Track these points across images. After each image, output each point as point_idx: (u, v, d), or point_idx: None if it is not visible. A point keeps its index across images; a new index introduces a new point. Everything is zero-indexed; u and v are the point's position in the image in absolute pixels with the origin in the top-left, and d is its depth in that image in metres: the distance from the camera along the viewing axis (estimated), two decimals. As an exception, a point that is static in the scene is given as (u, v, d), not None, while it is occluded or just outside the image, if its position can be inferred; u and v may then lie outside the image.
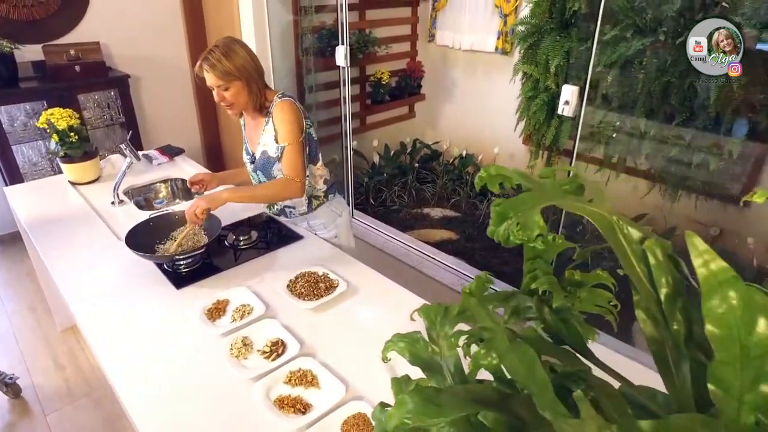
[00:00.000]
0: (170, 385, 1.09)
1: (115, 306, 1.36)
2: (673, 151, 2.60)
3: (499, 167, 0.54)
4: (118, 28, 3.39)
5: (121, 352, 1.20)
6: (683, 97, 2.48)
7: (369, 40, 3.43)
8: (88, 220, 1.87)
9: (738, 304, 0.39)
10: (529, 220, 0.47)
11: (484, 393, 0.48)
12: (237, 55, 1.45)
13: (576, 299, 0.56)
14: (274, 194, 1.58)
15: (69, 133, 2.05)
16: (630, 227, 0.49)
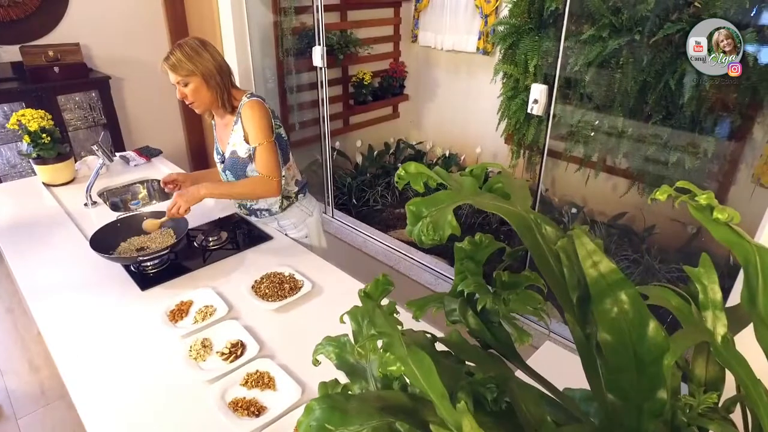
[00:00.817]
0: (126, 387, 1.09)
1: (77, 307, 1.35)
2: (650, 150, 2.61)
3: (420, 165, 0.54)
4: (100, 30, 3.37)
5: (78, 354, 1.19)
6: (659, 96, 2.50)
7: (350, 40, 3.43)
8: (60, 222, 1.85)
9: (628, 308, 0.39)
10: (442, 220, 0.47)
11: (396, 400, 0.47)
12: (198, 54, 1.45)
13: (506, 301, 0.55)
14: (251, 192, 1.59)
15: (41, 135, 2.03)
16: (548, 226, 0.49)
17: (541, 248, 0.44)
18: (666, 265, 2.71)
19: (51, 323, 1.29)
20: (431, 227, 0.46)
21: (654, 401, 0.36)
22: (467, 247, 0.55)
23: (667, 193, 0.42)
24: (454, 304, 0.55)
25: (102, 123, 3.42)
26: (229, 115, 1.59)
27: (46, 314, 1.33)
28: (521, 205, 0.48)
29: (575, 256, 0.43)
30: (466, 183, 0.50)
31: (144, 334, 1.24)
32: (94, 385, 1.10)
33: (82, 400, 1.06)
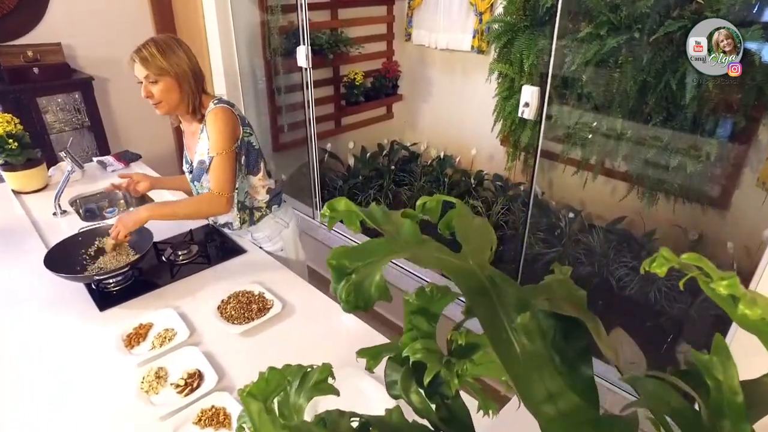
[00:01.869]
0: (63, 424, 0.99)
1: (27, 328, 1.25)
2: (650, 153, 2.51)
3: (349, 203, 0.44)
4: (83, 29, 3.26)
5: (16, 379, 1.09)
6: (660, 96, 2.40)
7: (341, 39, 3.33)
8: (24, 232, 1.76)
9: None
10: (368, 281, 0.36)
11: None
12: (173, 52, 1.35)
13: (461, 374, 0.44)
14: (196, 211, 1.48)
15: (7, 140, 1.93)
16: (509, 288, 0.38)
17: (498, 322, 0.33)
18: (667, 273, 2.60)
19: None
20: (353, 289, 0.35)
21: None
22: (414, 301, 0.44)
23: (667, 266, 0.32)
24: (396, 373, 0.44)
25: (87, 126, 3.32)
26: (197, 123, 1.49)
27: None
28: (476, 258, 0.38)
29: (539, 345, 0.32)
30: (405, 229, 0.40)
31: (95, 361, 1.14)
32: (26, 415, 1.00)
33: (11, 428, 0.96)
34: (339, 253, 0.38)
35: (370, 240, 0.39)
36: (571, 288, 0.46)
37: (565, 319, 0.43)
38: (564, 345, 0.42)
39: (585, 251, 2.85)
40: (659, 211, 2.65)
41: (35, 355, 1.17)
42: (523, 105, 1.85)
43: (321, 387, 0.47)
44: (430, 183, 3.66)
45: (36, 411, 1.02)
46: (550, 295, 0.44)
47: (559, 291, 0.45)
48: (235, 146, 1.45)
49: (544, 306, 0.43)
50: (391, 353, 0.50)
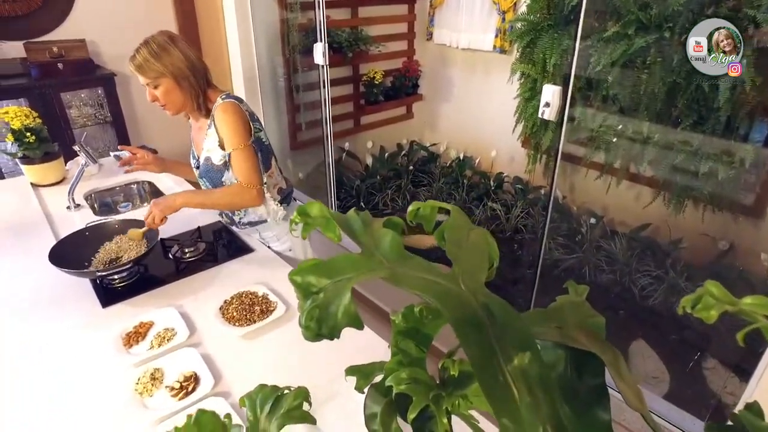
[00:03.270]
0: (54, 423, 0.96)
1: (29, 322, 1.24)
2: (678, 158, 2.39)
3: (324, 208, 0.39)
4: (107, 26, 3.30)
5: (20, 376, 1.08)
6: (690, 99, 2.29)
7: (360, 38, 3.29)
8: (36, 225, 1.76)
9: None
10: (335, 305, 0.31)
11: None
12: (166, 53, 1.32)
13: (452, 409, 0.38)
14: (229, 202, 1.46)
15: (25, 133, 1.95)
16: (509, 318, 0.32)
17: (492, 364, 0.27)
18: (693, 283, 2.49)
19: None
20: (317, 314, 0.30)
21: None
22: (401, 323, 0.39)
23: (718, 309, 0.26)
24: (377, 405, 0.39)
25: (109, 121, 3.36)
26: (204, 118, 1.46)
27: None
28: (469, 281, 0.32)
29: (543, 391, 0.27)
30: (386, 242, 0.35)
31: (93, 359, 1.12)
32: (21, 411, 0.98)
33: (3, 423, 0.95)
34: (305, 268, 0.33)
35: (342, 255, 0.34)
36: (587, 313, 0.40)
37: (579, 350, 0.37)
38: (576, 382, 0.36)
39: (606, 258, 2.74)
40: (687, 219, 2.54)
41: (36, 351, 1.15)
42: (544, 105, 1.78)
43: (294, 414, 0.42)
44: (448, 184, 3.59)
45: (33, 407, 1.00)
46: (561, 323, 0.38)
47: (572, 317, 0.39)
48: (251, 140, 1.42)
49: (554, 336, 0.37)
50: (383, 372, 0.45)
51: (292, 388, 0.44)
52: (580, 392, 0.34)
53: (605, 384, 0.34)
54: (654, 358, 2.33)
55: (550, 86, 1.77)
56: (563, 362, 0.36)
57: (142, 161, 1.64)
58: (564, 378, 0.35)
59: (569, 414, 0.33)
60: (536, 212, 3.12)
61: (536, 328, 0.36)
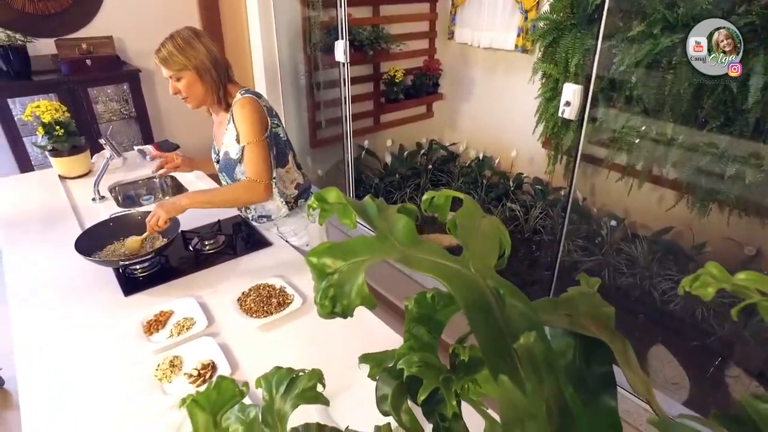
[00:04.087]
0: (78, 402, 1.00)
1: (54, 308, 1.28)
2: (703, 160, 2.34)
3: (340, 195, 0.39)
4: (133, 23, 3.38)
5: (41, 356, 1.12)
6: (718, 100, 2.24)
7: (381, 36, 3.29)
8: (64, 216, 1.81)
9: None
10: (349, 284, 0.32)
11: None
12: (190, 47, 1.35)
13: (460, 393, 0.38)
14: (235, 198, 1.46)
15: (55, 127, 2.01)
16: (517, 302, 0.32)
17: (500, 345, 0.28)
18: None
19: (24, 319, 1.24)
20: (332, 293, 0.31)
21: None
22: (414, 309, 0.40)
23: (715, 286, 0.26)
24: (388, 387, 0.40)
25: (133, 116, 3.43)
26: (224, 113, 1.49)
27: (21, 310, 1.28)
28: (478, 264, 0.33)
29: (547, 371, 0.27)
30: (399, 226, 0.35)
31: (115, 345, 1.15)
32: (46, 391, 1.02)
33: (29, 403, 0.99)
34: (321, 250, 0.34)
35: (357, 237, 0.35)
36: (597, 303, 0.40)
37: (588, 338, 0.37)
38: (585, 370, 0.36)
39: (627, 261, 2.70)
40: (711, 223, 2.48)
41: (61, 336, 1.19)
42: (564, 104, 1.76)
43: (307, 395, 0.43)
44: (467, 184, 3.58)
45: (59, 388, 1.04)
46: (571, 311, 0.39)
47: (582, 306, 0.39)
48: (266, 135, 1.44)
49: (563, 323, 0.37)
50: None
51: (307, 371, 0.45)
52: (588, 380, 0.34)
53: (612, 372, 0.34)
54: (674, 364, 2.28)
55: (570, 85, 1.76)
56: (572, 350, 0.36)
57: (173, 165, 1.70)
58: (572, 366, 0.35)
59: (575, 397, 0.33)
60: (555, 213, 3.08)
61: (546, 315, 0.36)
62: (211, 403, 0.34)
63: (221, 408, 0.35)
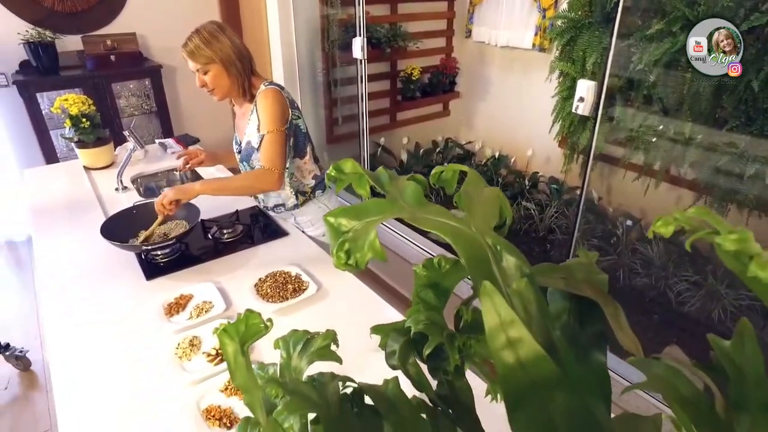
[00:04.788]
0: (103, 378, 1.05)
1: (80, 290, 1.34)
2: (722, 160, 2.32)
3: (356, 165, 0.42)
4: (156, 20, 3.46)
5: (68, 335, 1.17)
6: (738, 99, 2.22)
7: (399, 34, 3.32)
8: (89, 204, 1.88)
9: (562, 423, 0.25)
10: (362, 240, 0.35)
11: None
12: (216, 40, 1.40)
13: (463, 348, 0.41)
14: (249, 185, 1.51)
15: (81, 119, 2.08)
16: (510, 257, 0.35)
17: (498, 289, 0.31)
18: (734, 291, 2.40)
19: (52, 301, 1.30)
20: (347, 247, 0.34)
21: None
22: (422, 273, 0.42)
23: (674, 225, 0.28)
24: (396, 343, 0.42)
25: (154, 111, 3.51)
26: (248, 104, 1.54)
27: (50, 292, 1.33)
28: (479, 224, 0.35)
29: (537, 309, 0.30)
30: (408, 191, 0.38)
31: (137, 325, 1.20)
32: (75, 367, 1.07)
33: (60, 379, 1.04)
34: (337, 212, 0.37)
35: (370, 200, 0.38)
36: (594, 271, 0.42)
37: (581, 302, 0.39)
38: (578, 329, 0.39)
39: (642, 262, 2.68)
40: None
41: (87, 316, 1.25)
42: (578, 100, 1.77)
43: (323, 353, 0.46)
44: (482, 182, 3.58)
45: (85, 364, 1.09)
46: (568, 275, 0.41)
47: (579, 273, 0.41)
48: (285, 126, 1.48)
49: (560, 285, 0.40)
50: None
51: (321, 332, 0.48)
52: (581, 339, 0.36)
53: (603, 332, 0.36)
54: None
55: (584, 81, 1.76)
56: (567, 312, 0.38)
57: (198, 160, 1.78)
58: (567, 325, 0.37)
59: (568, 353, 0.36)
60: (571, 213, 3.07)
61: (544, 278, 0.39)
62: (239, 334, 0.37)
63: (248, 339, 0.38)
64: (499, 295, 0.25)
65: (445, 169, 0.46)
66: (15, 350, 2.18)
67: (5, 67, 3.10)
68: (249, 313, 0.37)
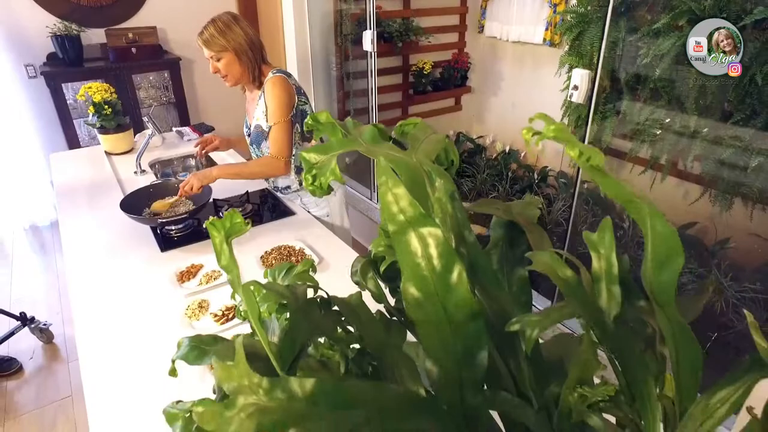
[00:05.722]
0: (122, 337, 1.15)
1: (102, 262, 1.45)
2: (725, 153, 2.34)
3: (329, 116, 0.50)
4: (176, 14, 3.58)
5: (91, 300, 1.29)
6: (743, 92, 2.23)
7: (411, 28, 3.38)
8: (110, 186, 1.99)
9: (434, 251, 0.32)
10: (326, 167, 0.43)
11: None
12: (230, 30, 1.49)
13: None
14: (260, 171, 1.63)
15: (104, 106, 2.19)
16: (442, 180, 0.42)
17: (427, 204, 0.38)
18: (738, 284, 2.42)
19: (77, 272, 1.41)
20: (313, 172, 0.42)
21: (473, 368, 0.29)
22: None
23: (531, 132, 0.35)
24: (359, 264, 0.50)
25: (172, 102, 3.64)
26: (257, 90, 1.63)
27: (75, 264, 1.44)
28: (419, 157, 0.43)
29: (455, 221, 0.37)
30: (366, 132, 0.46)
31: (153, 290, 1.31)
32: (97, 330, 1.17)
33: (84, 342, 1.13)
34: (310, 149, 0.45)
35: (334, 138, 0.45)
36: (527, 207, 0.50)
37: (515, 229, 0.47)
38: (509, 250, 0.46)
39: (647, 254, 2.70)
40: (734, 217, 2.47)
41: (108, 283, 1.36)
42: (572, 87, 1.81)
43: (302, 276, 0.54)
44: (492, 176, 3.63)
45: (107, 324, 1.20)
46: (507, 208, 0.48)
47: (515, 207, 0.49)
48: (291, 114, 1.56)
49: (499, 213, 0.47)
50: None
51: (300, 262, 0.55)
52: (510, 257, 0.43)
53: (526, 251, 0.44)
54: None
55: (579, 69, 1.81)
56: (502, 239, 0.45)
57: (213, 146, 1.89)
58: (501, 248, 0.45)
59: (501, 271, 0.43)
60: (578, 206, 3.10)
61: (487, 207, 0.46)
62: (225, 229, 0.45)
63: (231, 234, 0.46)
64: (392, 174, 0.33)
65: (408, 122, 0.53)
66: (39, 323, 2.31)
67: (34, 59, 3.25)
68: (233, 213, 0.45)
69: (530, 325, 0.30)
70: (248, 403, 0.28)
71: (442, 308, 0.29)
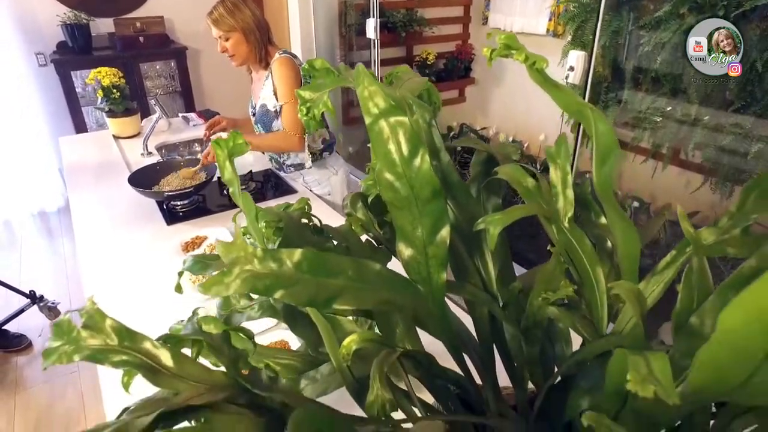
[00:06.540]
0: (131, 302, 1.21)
1: (112, 236, 1.52)
2: (726, 140, 2.35)
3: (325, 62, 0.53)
4: (182, 4, 3.62)
5: (102, 270, 1.35)
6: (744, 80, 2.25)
7: (415, 19, 3.41)
8: (117, 168, 2.04)
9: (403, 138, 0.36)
10: (318, 100, 0.47)
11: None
12: (238, 10, 1.53)
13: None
14: (276, 145, 1.69)
15: (112, 90, 2.24)
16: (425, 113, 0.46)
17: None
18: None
19: (87, 246, 1.47)
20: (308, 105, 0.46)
21: (437, 245, 0.33)
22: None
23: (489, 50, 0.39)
24: (349, 197, 0.54)
25: (178, 91, 3.69)
26: (263, 70, 1.67)
27: (86, 239, 1.50)
28: (402, 92, 0.46)
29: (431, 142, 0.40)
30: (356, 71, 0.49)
31: (159, 259, 1.36)
32: (105, 300, 1.21)
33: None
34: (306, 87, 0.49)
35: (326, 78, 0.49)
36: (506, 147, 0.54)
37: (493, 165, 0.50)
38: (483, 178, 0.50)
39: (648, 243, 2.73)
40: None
41: (118, 254, 1.42)
42: (569, 69, 1.84)
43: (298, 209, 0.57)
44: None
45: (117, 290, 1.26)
46: (485, 146, 0.52)
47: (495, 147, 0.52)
48: None
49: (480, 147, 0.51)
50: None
51: (296, 203, 0.59)
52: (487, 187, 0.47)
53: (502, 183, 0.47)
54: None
55: (575, 51, 1.84)
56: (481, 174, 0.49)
57: (220, 127, 1.94)
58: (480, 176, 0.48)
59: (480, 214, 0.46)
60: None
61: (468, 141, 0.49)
62: (228, 148, 0.49)
63: (233, 153, 0.49)
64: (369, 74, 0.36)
65: (397, 70, 0.57)
66: (48, 302, 2.37)
67: (44, 48, 3.31)
68: (235, 134, 0.49)
69: (493, 222, 0.34)
70: (244, 270, 0.32)
71: (410, 187, 0.33)
